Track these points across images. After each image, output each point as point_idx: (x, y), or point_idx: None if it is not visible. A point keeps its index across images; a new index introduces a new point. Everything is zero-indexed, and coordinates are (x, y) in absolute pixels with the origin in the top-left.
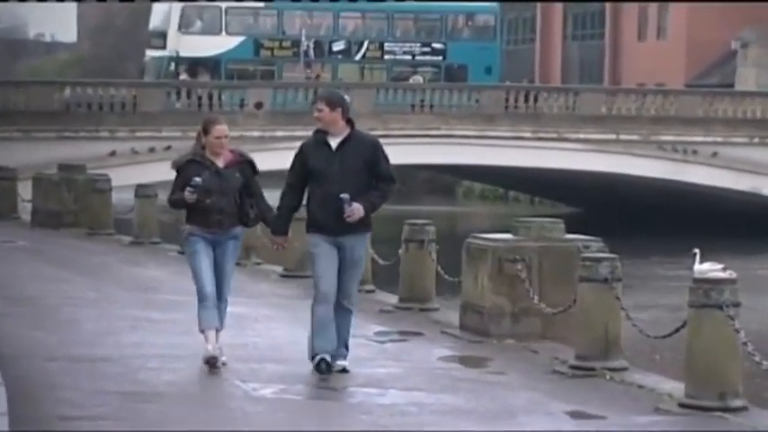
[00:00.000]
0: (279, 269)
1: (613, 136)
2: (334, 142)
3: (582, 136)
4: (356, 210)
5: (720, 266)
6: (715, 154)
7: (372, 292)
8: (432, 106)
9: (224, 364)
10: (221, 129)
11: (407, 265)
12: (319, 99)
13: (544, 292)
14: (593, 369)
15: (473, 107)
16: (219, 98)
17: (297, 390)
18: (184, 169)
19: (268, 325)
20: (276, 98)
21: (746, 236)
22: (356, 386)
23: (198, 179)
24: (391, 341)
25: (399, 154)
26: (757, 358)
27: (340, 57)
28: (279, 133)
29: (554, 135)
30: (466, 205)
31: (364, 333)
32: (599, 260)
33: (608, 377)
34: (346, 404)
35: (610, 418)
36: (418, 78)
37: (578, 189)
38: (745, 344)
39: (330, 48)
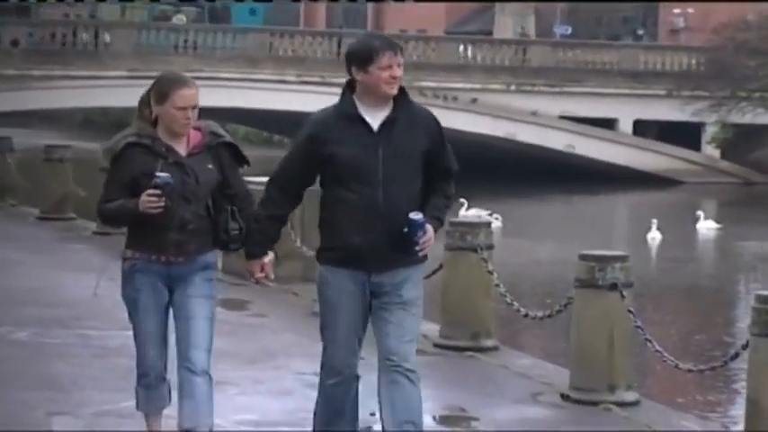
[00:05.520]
0: (36, 211)
1: None
2: (374, 119)
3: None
4: (431, 237)
5: (487, 212)
6: (474, 100)
7: None
8: (195, 47)
9: None
10: (190, 95)
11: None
12: (395, 48)
13: (306, 235)
14: None
15: (237, 49)
16: None
17: (54, 334)
18: (124, 158)
19: (27, 268)
20: (33, 36)
21: (505, 181)
22: (115, 330)
23: (164, 174)
24: None
25: None
26: (509, 299)
27: None
28: (35, 72)
29: (318, 79)
30: None
31: None
32: None
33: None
34: (104, 348)
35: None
36: (181, 18)
37: None
38: (497, 285)
39: None
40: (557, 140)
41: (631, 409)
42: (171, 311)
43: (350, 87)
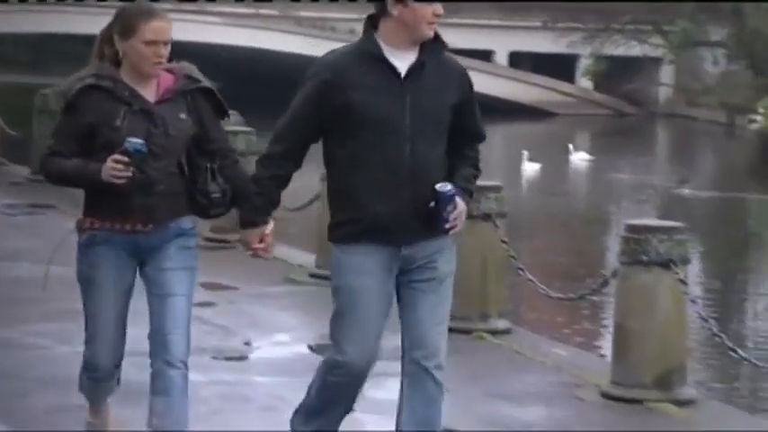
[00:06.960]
0: None
1: (253, 10)
2: (401, 63)
3: (222, 9)
4: (462, 212)
5: None
6: (352, 31)
7: (3, 164)
8: None
9: None
10: (161, 27)
11: (41, 140)
12: None
13: None
14: (227, 241)
15: None
16: None
17: None
18: (79, 104)
19: None
20: None
21: None
22: (9, 262)
23: (137, 140)
24: (23, 214)
25: (37, 24)
26: None
27: None
28: None
29: (194, 8)
30: None
31: None
32: (236, 134)
33: (241, 249)
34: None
35: (242, 288)
36: None
37: (218, 63)
38: None
39: None
40: None
41: (503, 336)
42: (145, 290)
43: (372, 26)
